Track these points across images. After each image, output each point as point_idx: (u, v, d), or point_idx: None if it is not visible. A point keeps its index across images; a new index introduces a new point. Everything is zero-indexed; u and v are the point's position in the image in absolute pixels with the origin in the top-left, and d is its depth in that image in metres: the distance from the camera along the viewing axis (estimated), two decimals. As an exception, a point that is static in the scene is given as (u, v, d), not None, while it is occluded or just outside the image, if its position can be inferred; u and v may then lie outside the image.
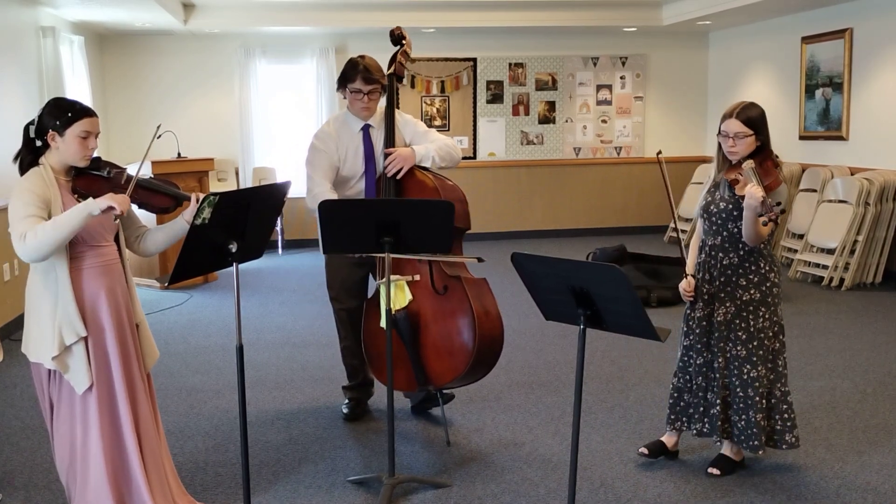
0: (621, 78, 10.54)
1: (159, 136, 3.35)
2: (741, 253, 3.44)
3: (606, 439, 4.02)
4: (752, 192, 3.17)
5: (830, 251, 7.45)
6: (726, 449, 3.63)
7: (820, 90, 8.45)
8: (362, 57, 4.09)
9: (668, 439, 3.77)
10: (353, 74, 4.02)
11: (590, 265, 2.63)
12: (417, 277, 3.92)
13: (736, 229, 3.41)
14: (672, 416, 3.72)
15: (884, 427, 4.12)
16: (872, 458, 3.75)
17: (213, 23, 8.99)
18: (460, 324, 3.82)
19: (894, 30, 7.40)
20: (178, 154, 8.28)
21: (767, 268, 3.45)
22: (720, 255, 3.48)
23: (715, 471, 3.58)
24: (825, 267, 7.47)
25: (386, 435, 3.61)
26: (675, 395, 3.70)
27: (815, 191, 8.05)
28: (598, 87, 10.52)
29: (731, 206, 3.42)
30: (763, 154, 3.40)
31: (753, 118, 3.36)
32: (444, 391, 4.13)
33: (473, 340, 3.77)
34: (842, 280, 7.34)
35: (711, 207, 3.49)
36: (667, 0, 9.30)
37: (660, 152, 3.59)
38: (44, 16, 7.38)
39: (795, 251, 7.97)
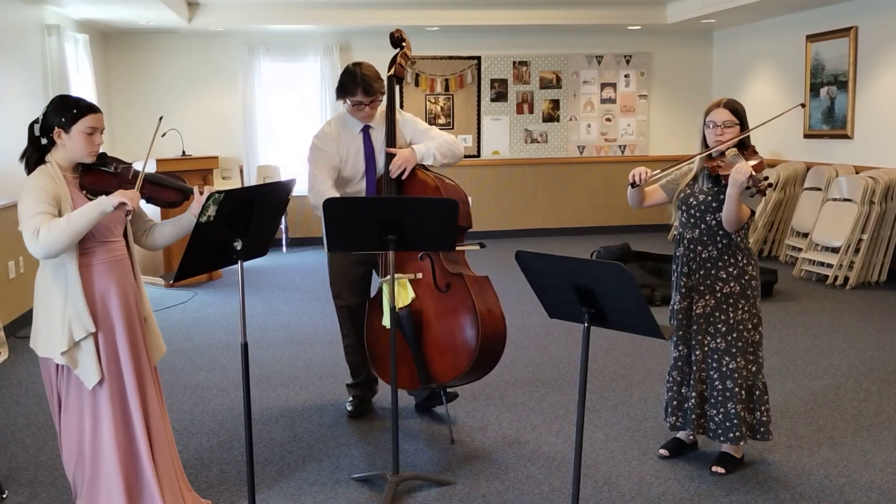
0: (625, 76, 10.53)
1: (163, 134, 3.36)
2: (720, 246, 3.51)
3: (610, 437, 4.02)
4: (741, 166, 3.30)
5: (835, 250, 7.44)
6: (727, 446, 3.64)
7: (825, 88, 8.43)
8: (358, 65, 3.98)
9: (683, 434, 3.83)
10: (353, 88, 3.94)
11: (594, 263, 2.64)
12: (420, 275, 3.92)
13: (714, 222, 3.49)
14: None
15: (888, 426, 4.11)
16: (877, 457, 3.75)
17: (218, 21, 9.00)
18: (463, 321, 3.82)
19: (899, 28, 7.39)
20: (183, 152, 8.29)
21: (745, 261, 3.53)
22: (699, 248, 3.55)
23: (719, 469, 3.59)
24: (830, 266, 7.45)
25: (390, 432, 3.62)
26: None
27: (819, 189, 8.04)
28: (602, 86, 10.51)
29: (710, 198, 3.50)
30: (746, 148, 3.55)
31: (739, 109, 3.53)
32: (448, 390, 4.14)
33: (476, 338, 3.77)
34: (846, 279, 7.32)
35: (691, 200, 3.56)
36: (671, -2, 9.30)
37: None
38: (48, 14, 7.39)
39: (800, 250, 7.95)
